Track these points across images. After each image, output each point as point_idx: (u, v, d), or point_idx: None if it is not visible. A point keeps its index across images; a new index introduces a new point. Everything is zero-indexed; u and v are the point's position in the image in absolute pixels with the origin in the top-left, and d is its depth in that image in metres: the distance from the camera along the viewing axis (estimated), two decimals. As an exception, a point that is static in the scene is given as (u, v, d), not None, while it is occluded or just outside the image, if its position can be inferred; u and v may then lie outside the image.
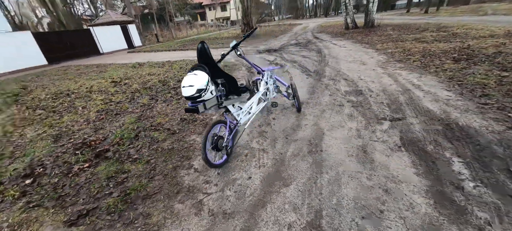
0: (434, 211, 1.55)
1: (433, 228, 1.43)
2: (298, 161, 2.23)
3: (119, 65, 9.35)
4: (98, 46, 15.24)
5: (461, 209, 1.54)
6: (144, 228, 1.68)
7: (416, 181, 1.84)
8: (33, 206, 1.95)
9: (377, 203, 1.66)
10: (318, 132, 2.72)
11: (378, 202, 1.67)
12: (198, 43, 2.22)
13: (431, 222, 1.47)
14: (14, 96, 5.49)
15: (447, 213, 1.52)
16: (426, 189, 1.74)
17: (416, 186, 1.78)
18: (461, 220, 1.47)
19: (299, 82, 4.75)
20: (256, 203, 1.80)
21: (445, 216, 1.51)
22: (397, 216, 1.54)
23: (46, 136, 3.21)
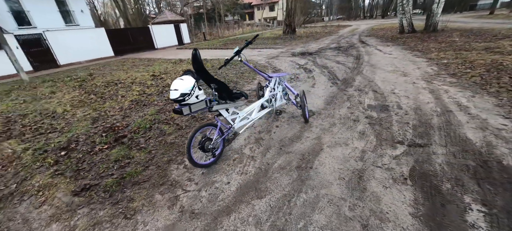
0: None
1: None
2: (281, 175, 2.14)
3: (164, 60, 10.52)
4: (154, 42, 17.49)
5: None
6: (124, 210, 1.90)
7: (408, 223, 1.55)
8: (58, 174, 2.42)
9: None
10: (317, 147, 2.53)
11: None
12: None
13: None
14: (81, 81, 6.81)
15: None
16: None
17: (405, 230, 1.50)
18: None
19: (320, 90, 4.48)
20: (223, 209, 1.82)
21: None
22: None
23: (88, 117, 3.90)
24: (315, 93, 4.35)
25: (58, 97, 5.30)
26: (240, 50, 2.71)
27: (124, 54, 15.42)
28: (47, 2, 15.11)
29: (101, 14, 37.98)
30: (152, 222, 1.77)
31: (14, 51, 10.33)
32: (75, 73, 8.67)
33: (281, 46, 12.23)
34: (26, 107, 4.76)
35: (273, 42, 14.53)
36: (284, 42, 13.86)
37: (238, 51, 2.70)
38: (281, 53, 9.61)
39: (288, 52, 9.93)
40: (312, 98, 4.06)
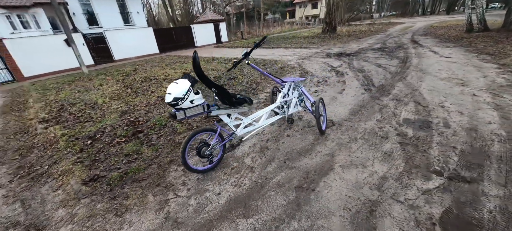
0: None
1: None
2: (277, 193, 1.91)
3: (199, 58, 11.05)
4: (194, 40, 18.63)
5: None
6: (117, 206, 1.96)
7: None
8: (78, 161, 2.68)
9: None
10: (326, 165, 2.20)
11: None
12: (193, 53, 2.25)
13: None
14: (125, 76, 7.65)
15: None
16: None
17: None
18: None
19: (348, 97, 3.98)
20: (206, 223, 1.70)
21: None
22: None
23: (119, 110, 4.30)
24: (341, 100, 3.88)
25: (103, 89, 6.02)
26: (248, 53, 2.55)
27: (167, 51, 16.85)
28: (112, 5, 17.55)
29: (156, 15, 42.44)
30: (137, 224, 1.77)
31: (80, 47, 12.31)
32: (123, 68, 9.81)
33: (317, 46, 11.54)
34: (78, 97, 5.55)
35: (309, 41, 13.85)
36: (321, 42, 13.05)
37: (247, 54, 2.54)
38: (315, 54, 9.03)
39: (323, 52, 9.28)
40: (336, 106, 3.63)
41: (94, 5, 16.77)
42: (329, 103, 3.79)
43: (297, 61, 7.77)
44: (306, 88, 4.71)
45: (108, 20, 17.55)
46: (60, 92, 6.32)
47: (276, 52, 10.76)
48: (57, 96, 5.89)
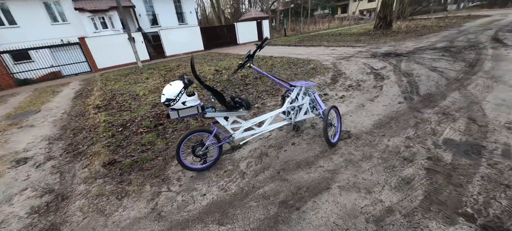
0: None
1: None
2: (258, 205, 1.81)
3: (236, 56, 11.36)
4: (237, 37, 19.26)
5: None
6: (120, 191, 2.20)
7: None
8: (106, 145, 3.12)
9: None
10: (323, 183, 1.97)
11: None
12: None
13: None
14: (168, 71, 8.51)
15: None
16: None
17: None
18: None
19: (379, 106, 3.46)
20: (182, 222, 1.74)
21: None
22: None
23: (152, 102, 4.81)
24: (369, 109, 3.39)
25: (147, 82, 6.85)
26: (251, 55, 2.47)
27: (211, 49, 17.94)
28: (169, 6, 19.74)
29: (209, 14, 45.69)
30: (129, 210, 1.95)
31: (139, 45, 14.24)
32: (169, 64, 10.93)
33: (364, 44, 10.40)
34: (127, 88, 6.47)
35: (355, 39, 12.60)
36: (370, 39, 11.71)
37: (250, 56, 2.46)
38: (358, 53, 8.16)
39: (368, 52, 8.31)
40: (360, 115, 3.20)
41: (155, 7, 19.16)
42: (353, 111, 3.37)
43: (334, 61, 7.17)
44: (333, 92, 4.30)
45: (166, 20, 19.82)
46: (116, 83, 7.49)
47: (315, 51, 10.17)
48: (113, 86, 7.00)
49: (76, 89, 7.97)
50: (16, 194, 2.36)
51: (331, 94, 4.24)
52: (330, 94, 4.25)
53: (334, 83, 4.88)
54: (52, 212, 2.05)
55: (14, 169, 2.88)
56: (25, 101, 6.92)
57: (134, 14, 18.01)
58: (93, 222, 1.86)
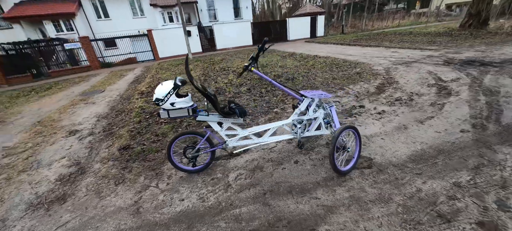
0: None
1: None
2: (226, 228, 1.61)
3: (279, 53, 10.96)
4: (287, 33, 18.67)
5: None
6: (120, 176, 2.37)
7: None
8: (130, 130, 3.45)
9: None
10: (310, 221, 1.61)
11: None
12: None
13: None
14: (210, 64, 8.94)
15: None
16: None
17: None
18: None
19: (429, 131, 2.68)
20: (151, 224, 1.72)
21: None
22: None
23: (184, 93, 5.10)
24: (413, 133, 2.65)
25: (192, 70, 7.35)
26: (255, 58, 2.23)
27: (256, 44, 18.04)
28: (228, 1, 20.81)
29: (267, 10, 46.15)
30: (118, 197, 2.07)
31: (195, 38, 15.49)
32: (215, 58, 11.51)
33: (439, 46, 8.43)
34: (172, 78, 7.12)
35: (429, 40, 10.37)
36: (451, 41, 9.43)
37: (253, 59, 2.22)
38: (426, 58, 6.65)
39: (442, 57, 6.68)
40: (395, 140, 2.53)
41: (215, 2, 20.50)
42: (388, 133, 2.70)
43: (389, 66, 6.03)
44: (372, 105, 3.58)
45: (223, 14, 21.00)
46: (166, 72, 8.37)
47: (370, 52, 8.86)
48: (162, 75, 7.84)
49: (137, 74, 9.32)
50: (56, 161, 2.87)
51: (369, 107, 3.54)
52: (367, 106, 3.55)
53: (378, 94, 4.08)
54: (69, 183, 2.38)
55: (65, 138, 3.53)
56: (100, 81, 8.54)
57: (196, 9, 19.75)
58: (89, 202, 2.06)
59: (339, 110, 3.51)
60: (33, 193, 2.28)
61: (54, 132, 3.84)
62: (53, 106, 5.66)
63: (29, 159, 3.00)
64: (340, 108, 3.58)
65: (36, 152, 3.19)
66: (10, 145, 3.54)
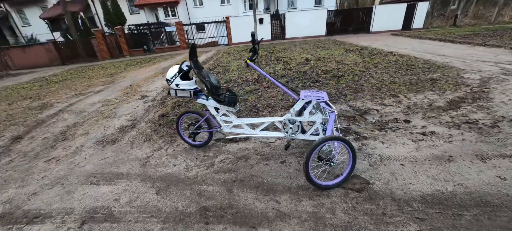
0: None
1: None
2: (188, 197, 1.87)
3: (347, 46, 9.62)
4: (371, 24, 15.95)
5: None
6: (149, 136, 3.03)
7: None
8: (173, 103, 4.20)
9: None
10: (255, 220, 1.63)
11: None
12: None
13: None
14: (269, 53, 9.07)
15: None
16: None
17: None
18: None
19: (487, 172, 1.94)
20: (147, 176, 2.20)
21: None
22: None
23: (229, 78, 5.57)
24: (456, 170, 1.99)
25: (245, 60, 7.81)
26: (255, 51, 2.25)
27: (333, 35, 16.40)
28: (307, -12, 19.87)
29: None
30: (140, 150, 2.70)
31: (266, 25, 15.82)
32: (279, 46, 11.50)
33: None
34: (229, 62, 7.81)
35: None
36: None
37: (253, 51, 2.25)
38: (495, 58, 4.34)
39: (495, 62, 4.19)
40: (419, 171, 1.99)
41: (293, -11, 20.03)
42: (419, 161, 2.13)
43: (493, 76, 4.34)
44: (425, 122, 2.82)
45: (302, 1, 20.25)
46: (229, 57, 9.21)
47: (478, 53, 6.53)
48: (223, 59, 8.71)
49: (208, 56, 10.73)
50: (123, 115, 3.94)
51: (416, 123, 2.80)
52: (413, 123, 2.82)
53: (445, 110, 3.11)
54: (122, 132, 3.28)
55: (137, 100, 4.72)
56: (181, 59, 10.40)
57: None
58: (124, 148, 2.80)
59: (372, 120, 2.96)
60: (103, 134, 3.30)
61: (133, 95, 5.18)
62: (144, 75, 7.51)
63: (112, 110, 4.26)
64: (374, 118, 3.01)
65: (118, 106, 4.47)
66: (109, 98, 5.08)
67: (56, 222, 1.76)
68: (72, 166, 2.53)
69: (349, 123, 2.91)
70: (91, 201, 1.95)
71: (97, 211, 1.82)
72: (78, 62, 14.81)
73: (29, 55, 14.53)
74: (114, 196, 1.98)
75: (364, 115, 3.12)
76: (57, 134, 3.46)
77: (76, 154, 2.80)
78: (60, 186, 2.21)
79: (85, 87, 6.65)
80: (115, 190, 2.05)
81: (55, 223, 1.75)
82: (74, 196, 2.04)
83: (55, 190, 2.15)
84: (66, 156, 2.78)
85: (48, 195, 2.09)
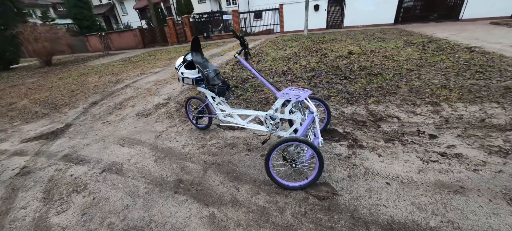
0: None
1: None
2: (171, 166, 2.24)
3: (415, 36, 7.82)
4: (462, 9, 12.27)
5: None
6: (172, 114, 3.60)
7: None
8: (204, 87, 4.70)
9: None
10: (210, 199, 1.84)
11: None
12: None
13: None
14: (313, 43, 8.51)
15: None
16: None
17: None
18: None
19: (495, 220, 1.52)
20: (156, 146, 2.71)
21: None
22: None
23: (266, 67, 5.68)
24: (460, 205, 1.63)
25: (285, 52, 7.67)
26: (245, 44, 2.33)
27: (407, 22, 13.63)
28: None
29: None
30: (160, 125, 3.28)
31: (322, 13, 14.63)
32: (328, 36, 10.58)
33: None
34: (269, 52, 7.85)
35: None
36: None
37: (243, 45, 2.34)
38: None
39: None
40: (407, 196, 1.73)
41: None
42: (413, 184, 1.82)
43: None
44: (456, 141, 2.28)
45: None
46: (273, 45, 9.19)
47: None
48: (266, 48, 8.78)
49: (255, 45, 10.99)
50: (163, 94, 4.73)
51: (446, 140, 2.29)
52: (442, 139, 2.31)
53: (504, 130, 2.39)
54: (155, 109, 3.99)
55: (177, 82, 5.50)
56: (230, 47, 11.08)
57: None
58: (151, 121, 3.46)
59: (386, 128, 2.58)
60: (143, 108, 4.11)
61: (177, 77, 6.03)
62: (194, 60, 8.48)
63: (158, 89, 5.15)
64: (390, 127, 2.61)
65: (163, 86, 5.35)
66: (160, 79, 6.10)
67: (89, 167, 2.45)
68: (114, 130, 3.33)
69: (355, 128, 2.64)
70: (114, 157, 2.59)
71: (113, 165, 2.43)
72: (154, 46, 17.84)
73: (123, 39, 18.47)
74: (128, 156, 2.56)
75: (379, 122, 2.74)
76: (117, 104, 4.52)
77: (121, 121, 3.64)
78: (102, 142, 2.99)
79: (149, 67, 8.13)
80: (130, 153, 2.64)
81: (88, 167, 2.45)
82: (106, 151, 2.75)
83: (98, 145, 2.93)
84: (115, 121, 3.66)
85: (93, 147, 2.88)
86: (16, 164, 2.67)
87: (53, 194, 2.09)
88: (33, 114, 4.45)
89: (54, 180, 2.30)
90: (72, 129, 3.55)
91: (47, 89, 6.54)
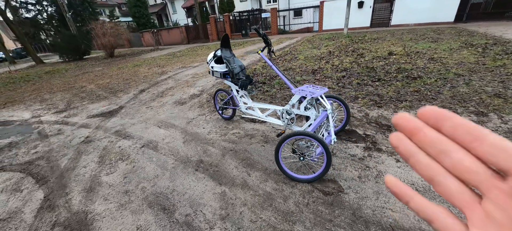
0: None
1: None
2: (195, 150, 2.55)
3: (479, 38, 6.61)
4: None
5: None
6: (203, 104, 3.98)
7: None
8: (234, 82, 5.01)
9: None
10: (226, 179, 2.07)
11: None
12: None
13: (85, 195, 2.00)
14: (351, 42, 8.03)
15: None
16: None
17: None
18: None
19: None
20: (185, 130, 3.09)
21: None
22: None
23: (290, 66, 5.71)
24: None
25: (319, 50, 7.48)
26: (268, 42, 2.47)
27: (474, 20, 11.59)
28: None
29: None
30: (192, 113, 3.68)
31: (367, 10, 13.57)
32: (371, 35, 9.80)
33: None
34: (303, 50, 7.76)
35: None
36: None
37: (267, 43, 2.48)
38: None
39: None
40: (413, 200, 1.65)
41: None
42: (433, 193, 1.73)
43: None
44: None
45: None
46: (309, 44, 9.03)
47: None
48: (300, 47, 8.67)
49: (290, 43, 10.93)
50: (198, 86, 5.20)
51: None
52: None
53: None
54: (190, 98, 4.45)
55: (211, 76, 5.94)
56: (265, 44, 11.25)
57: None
58: (185, 109, 3.89)
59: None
60: (180, 97, 4.62)
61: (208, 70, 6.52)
62: (229, 56, 8.95)
63: (195, 81, 5.67)
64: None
65: (199, 79, 5.86)
66: (198, 72, 6.68)
67: (133, 141, 2.95)
68: (155, 114, 3.87)
69: (377, 132, 2.54)
70: (152, 136, 3.05)
71: (151, 142, 2.88)
72: (198, 42, 19.27)
73: (171, 35, 20.44)
74: (162, 137, 2.99)
75: (407, 128, 2.57)
76: (160, 92, 5.17)
77: (161, 107, 4.19)
78: (144, 123, 3.52)
79: (190, 62, 8.91)
80: (165, 134, 3.07)
81: (132, 142, 2.95)
82: (147, 131, 3.24)
83: (141, 125, 3.47)
84: (156, 107, 4.23)
85: (137, 127, 3.42)
86: (82, 134, 3.37)
87: (105, 160, 2.61)
88: (97, 96, 5.43)
89: (107, 149, 2.85)
90: (124, 110, 4.23)
91: (109, 76, 7.80)
